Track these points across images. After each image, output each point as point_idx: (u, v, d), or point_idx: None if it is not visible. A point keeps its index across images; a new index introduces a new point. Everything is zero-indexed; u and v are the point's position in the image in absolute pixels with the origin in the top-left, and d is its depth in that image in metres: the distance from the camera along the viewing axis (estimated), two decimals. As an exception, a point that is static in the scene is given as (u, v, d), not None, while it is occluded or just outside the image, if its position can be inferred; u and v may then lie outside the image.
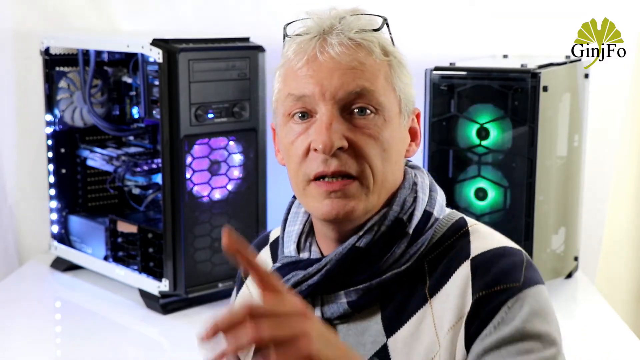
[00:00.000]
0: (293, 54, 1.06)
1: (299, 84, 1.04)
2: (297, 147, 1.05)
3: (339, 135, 1.01)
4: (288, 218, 1.16)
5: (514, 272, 1.01)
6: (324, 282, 1.04)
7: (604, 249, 2.68)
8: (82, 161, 2.63)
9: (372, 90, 1.03)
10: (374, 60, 1.04)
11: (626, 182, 2.68)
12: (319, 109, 1.03)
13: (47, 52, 2.52)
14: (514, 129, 2.00)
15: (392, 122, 1.05)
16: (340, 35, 1.04)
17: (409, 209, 1.06)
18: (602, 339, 2.06)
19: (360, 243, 1.04)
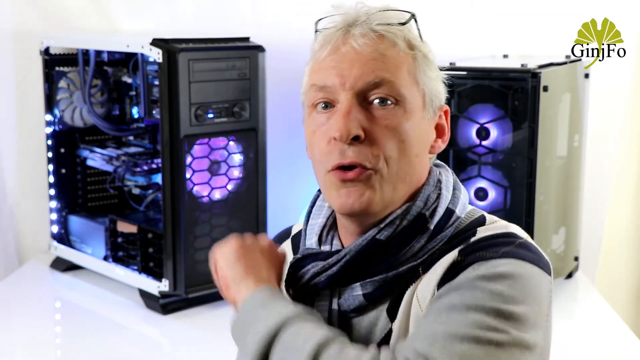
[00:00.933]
0: (319, 46, 1.07)
1: (322, 75, 1.06)
2: (318, 138, 1.06)
3: (356, 123, 1.02)
4: (312, 211, 1.17)
5: (497, 246, 1.00)
6: (342, 272, 1.05)
7: (604, 249, 2.68)
8: (82, 161, 2.63)
9: (392, 81, 1.03)
10: (397, 52, 1.05)
11: (626, 182, 2.68)
12: (340, 99, 1.04)
13: (47, 52, 2.52)
14: (514, 129, 2.00)
15: (414, 114, 1.05)
16: (363, 26, 1.05)
17: (432, 205, 1.06)
18: (602, 339, 2.06)
19: (381, 236, 1.04)
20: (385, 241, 1.04)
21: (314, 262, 1.08)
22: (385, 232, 1.04)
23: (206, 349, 2.08)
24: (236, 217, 2.31)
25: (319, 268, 1.07)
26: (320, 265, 1.07)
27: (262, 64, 2.28)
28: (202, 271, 2.25)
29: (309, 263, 1.09)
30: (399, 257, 1.04)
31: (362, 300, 1.05)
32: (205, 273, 2.28)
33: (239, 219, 2.32)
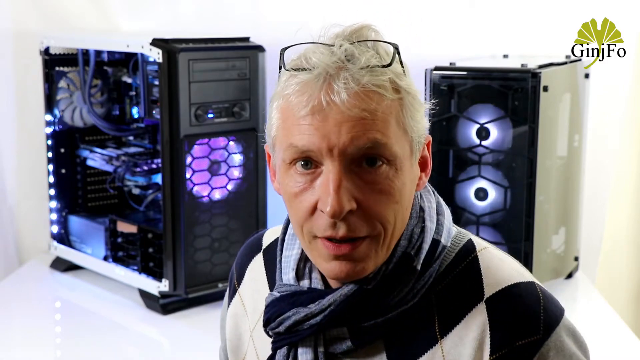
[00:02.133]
0: (294, 95, 0.95)
1: (303, 137, 0.94)
2: (302, 202, 0.97)
3: (347, 197, 0.93)
4: (285, 240, 1.08)
5: (531, 320, 0.96)
6: (327, 322, 0.99)
7: (604, 249, 2.68)
8: (82, 161, 2.63)
9: (384, 143, 0.94)
10: (384, 105, 0.94)
11: (626, 182, 2.68)
12: (325, 162, 0.94)
13: (47, 52, 2.52)
14: (514, 129, 2.00)
15: (404, 169, 0.97)
16: (347, 82, 0.92)
17: (416, 243, 1.00)
18: (602, 339, 2.06)
19: (368, 285, 0.98)
20: (372, 289, 0.98)
21: (294, 305, 1.01)
22: (372, 280, 0.98)
23: (206, 349, 2.08)
24: (236, 217, 2.31)
25: (301, 317, 1.00)
26: (302, 314, 1.00)
27: (262, 64, 2.28)
28: (202, 271, 2.25)
29: (289, 307, 1.01)
30: (388, 302, 0.98)
31: (350, 345, 1.00)
32: (205, 273, 2.29)
33: (239, 219, 2.32)
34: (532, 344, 0.95)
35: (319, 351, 1.01)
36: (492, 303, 0.97)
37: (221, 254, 2.29)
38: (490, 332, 0.96)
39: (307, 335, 1.00)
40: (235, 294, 1.19)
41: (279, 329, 1.02)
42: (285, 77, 0.98)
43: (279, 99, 0.98)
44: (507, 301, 0.97)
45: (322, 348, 1.01)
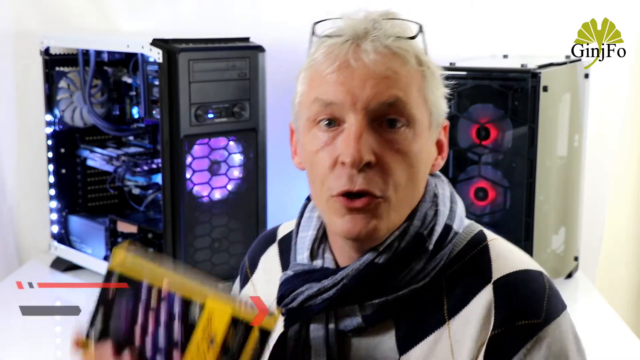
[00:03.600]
0: (322, 57, 1.01)
1: (328, 90, 0.99)
2: (322, 159, 1.01)
3: (367, 148, 0.97)
4: (301, 223, 1.12)
5: (534, 305, 0.98)
6: (339, 296, 1.01)
7: (604, 249, 2.68)
8: (82, 161, 2.63)
9: (405, 102, 0.98)
10: (407, 70, 1.00)
11: (626, 182, 2.68)
12: (347, 118, 0.99)
13: (47, 52, 2.52)
14: (514, 129, 2.00)
15: (422, 136, 1.01)
16: (375, 42, 0.98)
17: (429, 224, 1.03)
18: (602, 339, 2.06)
19: (379, 260, 1.00)
20: (383, 264, 1.00)
21: (307, 282, 1.04)
22: (383, 255, 1.01)
23: (206, 349, 2.07)
24: (236, 217, 2.31)
25: (314, 291, 1.02)
26: (315, 289, 1.02)
27: (262, 64, 2.28)
28: (202, 271, 2.25)
29: (302, 283, 1.04)
30: (399, 280, 1.01)
31: (360, 322, 1.02)
32: (206, 273, 2.28)
33: (239, 219, 2.32)
34: (531, 327, 0.97)
35: (330, 328, 1.03)
36: (499, 285, 0.99)
37: (221, 254, 2.29)
38: (494, 312, 0.98)
39: (320, 310, 1.03)
40: (247, 283, 1.22)
41: (292, 304, 1.04)
42: (314, 47, 1.03)
43: (307, 68, 1.04)
44: (514, 284, 0.99)
45: (333, 325, 1.03)
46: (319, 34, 1.03)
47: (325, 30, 1.03)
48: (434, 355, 0.99)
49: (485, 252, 1.03)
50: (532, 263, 1.04)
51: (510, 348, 0.97)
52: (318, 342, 1.03)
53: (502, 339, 0.97)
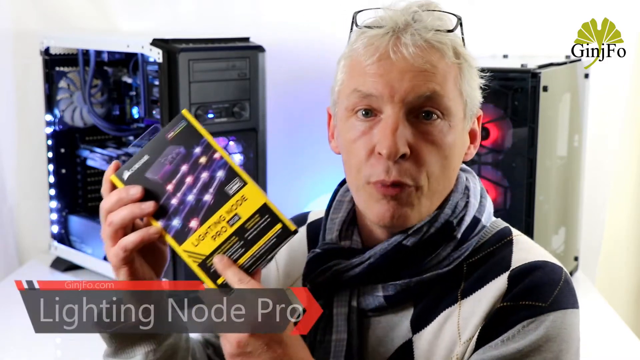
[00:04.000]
0: (363, 48, 1.03)
1: (367, 82, 1.02)
2: (359, 148, 1.03)
3: (403, 141, 1.00)
4: (332, 206, 1.15)
5: (544, 290, 1.00)
6: (365, 274, 1.04)
7: (604, 249, 2.68)
8: (82, 161, 2.63)
9: (442, 95, 1.01)
10: (445, 63, 1.03)
11: (626, 182, 2.68)
12: (385, 109, 1.01)
13: (47, 52, 2.52)
14: (514, 129, 2.00)
15: (457, 128, 1.04)
16: (414, 35, 1.01)
17: (459, 214, 1.06)
18: (602, 339, 2.06)
19: (407, 242, 1.04)
20: (411, 247, 1.03)
21: (335, 259, 1.07)
22: (411, 238, 1.04)
23: (206, 349, 2.08)
24: (236, 217, 2.31)
25: (341, 266, 1.06)
26: (343, 264, 1.06)
27: (262, 64, 2.28)
28: (202, 271, 2.25)
29: (330, 259, 1.07)
30: (424, 264, 1.04)
31: (382, 302, 1.04)
32: (205, 273, 2.29)
33: (239, 219, 2.31)
34: (534, 308, 0.99)
35: (352, 305, 1.05)
36: (514, 272, 1.02)
37: (221, 254, 2.28)
38: (505, 292, 1.00)
39: (345, 286, 1.06)
40: None
41: (319, 279, 1.07)
42: (354, 36, 1.06)
43: (346, 57, 1.06)
44: (529, 270, 1.01)
45: (355, 303, 1.05)
46: (359, 24, 1.06)
47: (365, 21, 1.05)
48: (443, 332, 1.02)
49: (509, 245, 1.06)
50: (553, 258, 1.06)
51: (508, 322, 0.99)
52: (340, 319, 1.06)
53: (504, 312, 0.99)
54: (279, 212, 0.99)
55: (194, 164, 0.99)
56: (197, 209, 0.99)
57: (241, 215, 0.98)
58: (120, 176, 1.01)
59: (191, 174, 0.99)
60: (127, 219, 0.98)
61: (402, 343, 1.04)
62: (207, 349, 1.23)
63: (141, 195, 0.98)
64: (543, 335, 0.97)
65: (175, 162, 1.00)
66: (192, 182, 0.99)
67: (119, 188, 0.99)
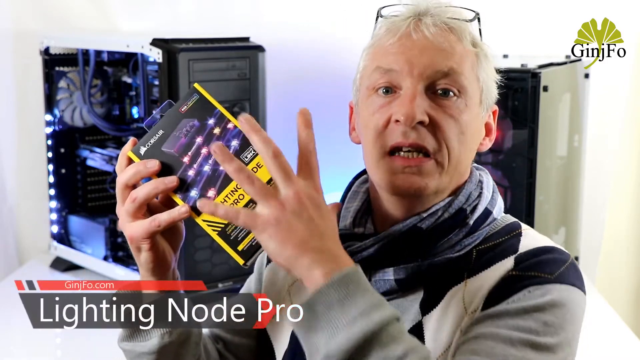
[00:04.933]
0: (385, 32, 1.08)
1: (389, 59, 1.06)
2: (377, 118, 1.06)
3: (421, 109, 1.03)
4: (348, 195, 1.17)
5: (551, 265, 1.02)
6: (378, 255, 1.06)
7: (604, 249, 2.68)
8: (82, 161, 2.63)
9: (459, 73, 1.05)
10: (463, 47, 1.07)
11: (626, 182, 2.68)
12: (404, 84, 1.05)
13: (47, 52, 2.52)
14: (514, 129, 2.00)
15: (473, 109, 1.07)
16: (435, 17, 1.06)
17: (473, 202, 1.08)
18: (602, 339, 2.06)
19: (423, 224, 1.05)
20: (426, 230, 1.05)
21: (348, 241, 1.08)
22: (427, 221, 1.06)
23: (206, 349, 2.07)
24: (236, 217, 2.31)
25: (355, 247, 1.07)
26: (356, 245, 1.07)
27: (262, 64, 2.28)
28: (202, 271, 2.25)
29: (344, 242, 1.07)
30: (436, 248, 1.05)
31: (393, 284, 1.05)
32: (205, 273, 2.29)
33: (239, 219, 2.31)
34: (541, 278, 1.00)
35: None
36: (522, 254, 1.04)
37: (221, 254, 2.28)
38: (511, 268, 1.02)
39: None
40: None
41: None
42: (378, 25, 1.10)
43: (370, 46, 1.10)
44: (538, 253, 1.04)
45: None
46: (384, 15, 1.10)
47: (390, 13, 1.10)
48: (449, 308, 1.03)
49: (518, 236, 1.08)
50: (563, 248, 1.08)
51: (514, 287, 1.00)
52: None
53: (510, 280, 1.00)
54: None
55: (209, 135, 1.00)
56: (213, 178, 1.00)
57: None
58: (137, 152, 1.03)
59: (206, 145, 1.00)
60: (151, 194, 0.99)
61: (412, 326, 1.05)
62: (217, 343, 1.23)
63: (159, 167, 0.99)
64: (549, 301, 0.98)
65: (190, 135, 1.01)
66: (207, 153, 1.00)
67: (136, 162, 1.00)
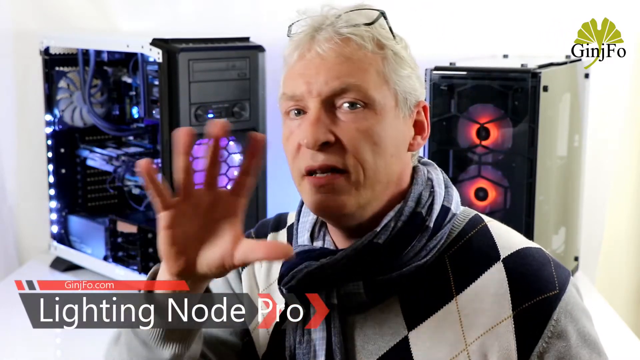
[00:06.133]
0: (288, 53, 1.08)
1: (291, 83, 1.06)
2: (291, 143, 1.06)
3: (324, 130, 1.02)
4: (302, 210, 1.16)
5: (548, 278, 1.04)
6: (339, 275, 1.04)
7: (604, 249, 2.68)
8: (82, 161, 2.63)
9: (359, 85, 1.02)
10: (364, 54, 1.04)
11: (626, 182, 2.68)
12: (309, 105, 1.04)
13: (47, 52, 2.52)
14: (514, 129, 2.00)
15: (386, 115, 1.04)
16: (328, 30, 1.04)
17: (426, 203, 1.06)
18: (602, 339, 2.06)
19: (379, 239, 1.03)
20: (383, 244, 1.03)
21: (307, 260, 1.06)
22: (382, 235, 1.03)
23: (206, 349, 2.07)
24: (236, 217, 2.31)
25: (312, 268, 1.05)
26: (314, 265, 1.05)
27: (262, 64, 2.28)
28: (202, 271, 2.25)
29: (302, 262, 1.06)
30: (402, 258, 1.03)
31: (364, 298, 1.04)
32: (205, 273, 2.28)
33: (239, 219, 2.31)
34: (552, 298, 1.02)
35: (333, 304, 1.05)
36: (509, 263, 1.03)
37: (221, 254, 2.28)
38: (509, 289, 1.02)
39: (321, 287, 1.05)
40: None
41: (291, 283, 1.06)
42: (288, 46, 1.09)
43: (283, 67, 1.10)
44: (523, 261, 1.04)
45: (335, 301, 1.05)
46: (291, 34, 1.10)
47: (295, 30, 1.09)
48: (443, 329, 1.02)
49: (486, 232, 1.07)
50: (529, 241, 1.09)
51: (538, 319, 1.01)
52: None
53: (528, 313, 1.01)
54: None
55: None
56: None
57: None
58: None
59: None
60: None
61: (398, 341, 1.04)
62: None
63: None
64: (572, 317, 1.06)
65: None
66: None
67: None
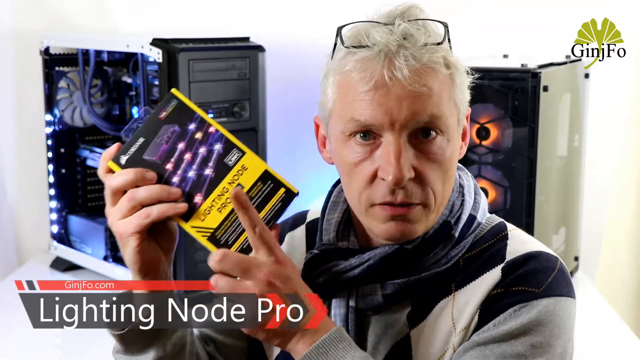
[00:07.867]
0: (356, 72, 1.01)
1: (365, 111, 1.00)
2: (362, 171, 1.03)
3: (407, 166, 1.00)
4: (327, 207, 1.16)
5: (538, 276, 1.02)
6: (364, 275, 1.05)
7: (604, 249, 2.68)
8: (82, 161, 2.63)
9: (439, 116, 1.01)
10: (440, 80, 1.02)
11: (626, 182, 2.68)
12: (385, 135, 1.01)
13: (47, 52, 2.52)
14: (514, 129, 2.00)
15: (453, 137, 1.05)
16: (408, 58, 0.99)
17: (456, 213, 1.07)
18: (602, 339, 2.06)
19: (408, 245, 1.04)
20: (412, 250, 1.04)
21: (334, 259, 1.07)
22: (412, 242, 1.05)
23: (206, 349, 2.07)
24: (236, 217, 2.31)
25: (340, 267, 1.06)
26: (341, 265, 1.06)
27: (262, 64, 2.28)
28: (202, 271, 2.25)
29: (329, 260, 1.08)
30: (423, 263, 1.05)
31: (381, 301, 1.05)
32: (205, 273, 2.28)
33: (239, 219, 2.31)
34: (527, 293, 1.00)
35: (351, 305, 1.06)
36: (510, 263, 1.03)
37: (221, 254, 2.28)
38: (499, 282, 1.02)
39: (344, 287, 1.06)
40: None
41: (318, 280, 1.07)
42: (342, 53, 1.03)
43: (336, 75, 1.04)
44: (525, 261, 1.03)
45: (353, 303, 1.06)
46: (345, 40, 1.03)
47: (350, 36, 1.03)
48: (438, 323, 1.03)
49: (504, 240, 1.07)
50: (549, 249, 1.08)
51: (500, 306, 1.00)
52: (337, 320, 1.07)
53: (497, 298, 1.01)
54: (280, 177, 1.00)
55: (191, 140, 1.01)
56: (199, 184, 1.00)
57: (244, 184, 1.00)
58: (118, 161, 1.01)
59: (189, 151, 1.01)
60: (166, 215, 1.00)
61: (400, 338, 1.05)
62: (208, 345, 1.23)
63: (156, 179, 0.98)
64: (534, 319, 0.99)
65: (172, 141, 1.01)
66: (190, 159, 1.00)
67: (135, 169, 0.99)
